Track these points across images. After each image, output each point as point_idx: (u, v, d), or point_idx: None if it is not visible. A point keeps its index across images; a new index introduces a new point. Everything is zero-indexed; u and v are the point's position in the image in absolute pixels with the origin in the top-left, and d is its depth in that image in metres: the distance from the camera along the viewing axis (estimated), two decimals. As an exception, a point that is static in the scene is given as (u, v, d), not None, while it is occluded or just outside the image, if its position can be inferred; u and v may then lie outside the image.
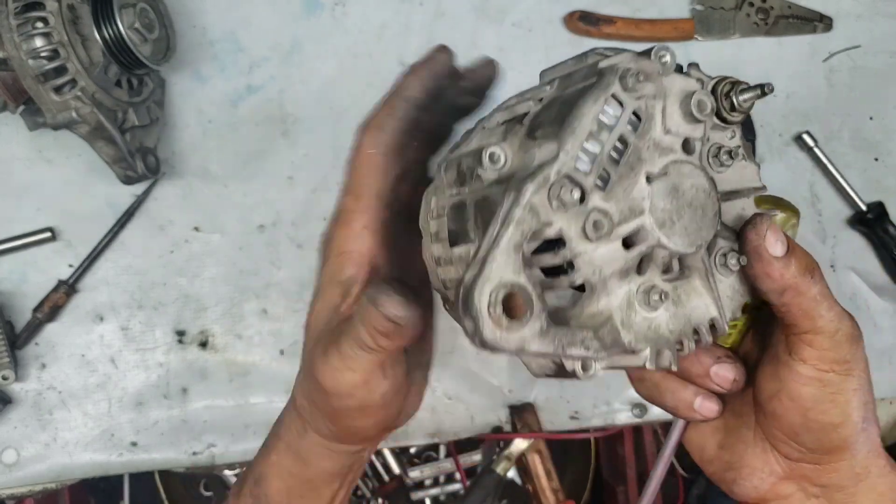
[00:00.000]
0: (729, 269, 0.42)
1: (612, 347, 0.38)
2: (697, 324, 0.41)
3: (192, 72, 0.80)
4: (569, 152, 0.36)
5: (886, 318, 0.86)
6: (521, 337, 0.35)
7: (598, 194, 0.37)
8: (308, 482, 0.49)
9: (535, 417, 0.81)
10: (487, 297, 0.34)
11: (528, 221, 0.36)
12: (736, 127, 0.44)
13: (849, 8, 0.87)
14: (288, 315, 0.80)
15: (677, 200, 0.39)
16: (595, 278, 0.37)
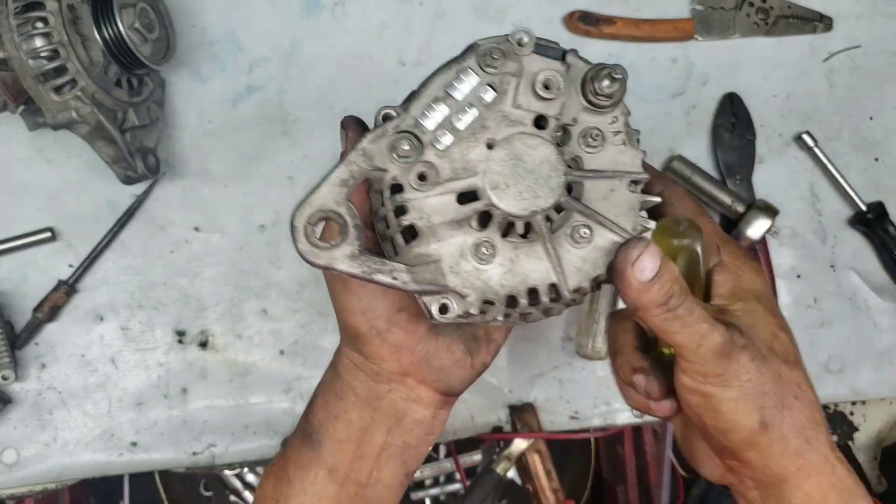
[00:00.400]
0: (576, 242, 0.45)
1: (427, 284, 0.44)
2: (535, 285, 0.45)
3: (192, 72, 0.80)
4: (410, 111, 0.44)
5: (886, 318, 0.86)
6: (331, 256, 0.42)
7: (433, 151, 0.44)
8: (339, 399, 0.53)
9: (534, 417, 0.81)
10: (305, 218, 0.42)
11: (359, 163, 0.43)
12: (619, 113, 0.47)
13: (849, 8, 0.87)
14: (288, 315, 0.80)
15: (517, 168, 0.44)
16: (423, 223, 0.44)
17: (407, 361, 0.50)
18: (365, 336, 0.50)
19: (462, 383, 0.53)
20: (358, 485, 0.53)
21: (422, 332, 0.50)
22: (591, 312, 0.81)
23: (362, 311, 0.49)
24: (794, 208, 0.85)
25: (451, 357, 0.51)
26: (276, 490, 0.54)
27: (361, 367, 0.52)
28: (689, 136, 0.85)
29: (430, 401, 0.53)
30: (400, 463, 0.54)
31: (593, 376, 0.83)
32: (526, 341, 0.83)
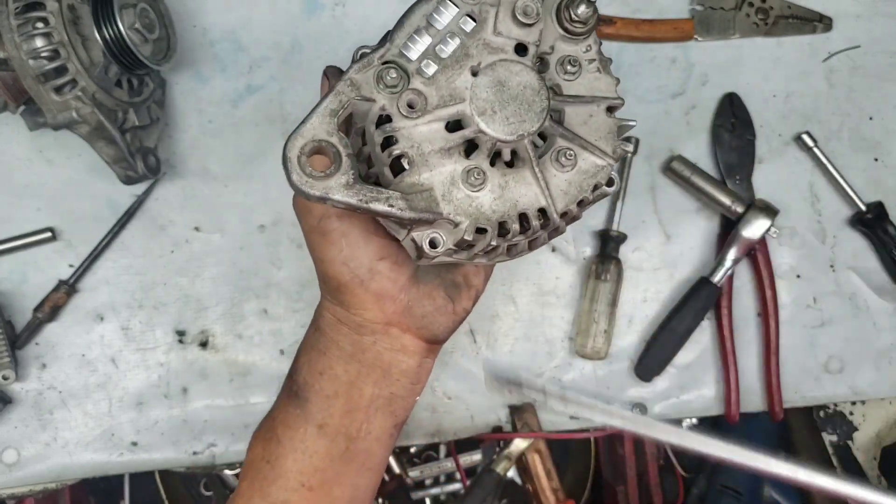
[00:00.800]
0: (562, 166, 0.46)
1: (422, 211, 0.44)
2: (525, 209, 0.46)
3: (192, 72, 0.80)
4: (394, 41, 0.44)
5: (886, 317, 0.86)
6: (326, 186, 0.42)
7: (419, 80, 0.44)
8: (323, 354, 0.53)
9: (534, 417, 0.81)
10: (298, 149, 0.42)
11: (347, 93, 0.43)
12: (592, 42, 0.48)
13: (848, 8, 0.87)
14: (288, 315, 0.80)
15: (502, 93, 0.44)
16: (413, 152, 0.44)
17: (390, 311, 0.51)
18: (347, 286, 0.50)
19: (445, 330, 0.53)
20: (348, 438, 0.53)
21: (403, 280, 0.50)
22: (590, 312, 0.81)
23: (344, 260, 0.49)
24: (794, 208, 0.85)
25: (433, 304, 0.52)
26: (265, 451, 0.53)
27: (344, 320, 0.52)
28: (688, 137, 0.85)
29: (415, 349, 0.53)
30: (388, 414, 0.54)
31: (593, 376, 0.83)
32: (526, 341, 0.83)
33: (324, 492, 0.53)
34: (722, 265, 0.82)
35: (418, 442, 0.83)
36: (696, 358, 0.84)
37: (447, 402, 0.82)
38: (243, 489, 0.54)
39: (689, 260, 0.85)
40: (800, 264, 0.85)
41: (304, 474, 0.52)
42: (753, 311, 0.85)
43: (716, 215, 0.85)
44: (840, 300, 0.86)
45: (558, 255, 0.84)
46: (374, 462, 0.55)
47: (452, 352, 0.82)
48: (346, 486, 0.54)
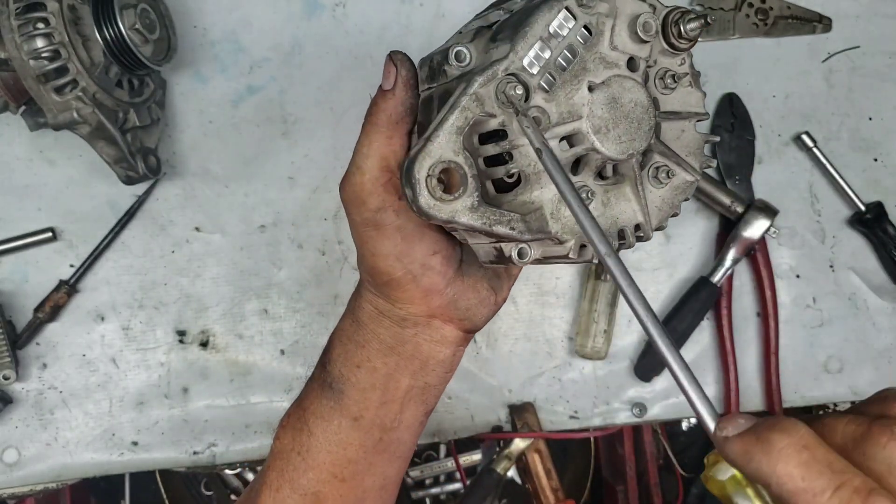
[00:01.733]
0: (660, 182, 0.46)
1: (536, 232, 0.43)
2: (624, 226, 0.45)
3: (192, 72, 0.80)
4: (518, 53, 0.41)
5: (886, 318, 0.86)
6: (453, 209, 0.41)
7: (541, 94, 0.42)
8: (362, 347, 0.52)
9: (534, 417, 0.81)
10: (426, 170, 0.40)
11: (473, 109, 0.41)
12: (686, 55, 0.47)
13: (848, 8, 0.87)
14: (289, 315, 0.80)
15: (615, 111, 0.43)
16: (530, 170, 0.43)
17: (435, 304, 0.50)
18: (399, 282, 0.49)
19: (485, 320, 0.53)
20: (383, 429, 0.52)
21: (451, 274, 0.49)
22: (590, 312, 0.81)
23: (398, 255, 0.48)
24: (793, 208, 0.86)
25: (478, 296, 0.51)
26: (296, 442, 0.53)
27: (387, 313, 0.51)
28: (688, 137, 0.85)
29: (453, 339, 0.52)
30: (420, 403, 0.54)
31: (593, 376, 0.83)
32: (526, 341, 0.83)
33: (355, 482, 0.53)
34: (721, 265, 0.82)
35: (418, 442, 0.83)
36: (696, 358, 0.84)
37: (447, 402, 0.82)
38: (271, 479, 0.54)
39: (688, 260, 0.85)
40: (799, 264, 0.86)
41: (336, 465, 0.52)
42: (753, 311, 0.85)
43: (715, 215, 0.85)
44: (839, 300, 0.86)
45: (558, 255, 0.84)
46: (403, 450, 0.55)
47: (452, 352, 0.82)
48: (377, 475, 0.54)
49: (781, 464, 0.28)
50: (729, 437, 0.30)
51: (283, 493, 0.53)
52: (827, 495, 0.27)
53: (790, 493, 0.28)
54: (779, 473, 0.28)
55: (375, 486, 0.54)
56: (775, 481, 0.28)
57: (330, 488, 0.52)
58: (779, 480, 0.28)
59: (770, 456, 0.28)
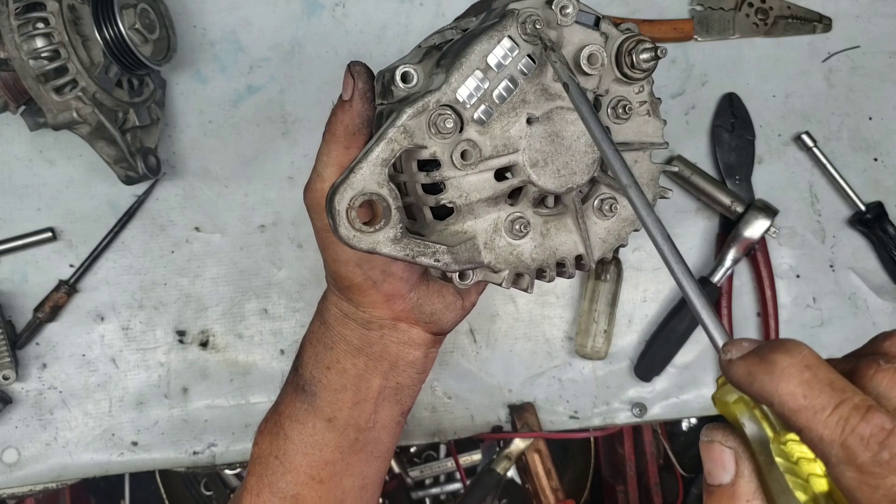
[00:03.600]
0: (604, 215, 0.45)
1: (465, 263, 0.42)
2: (563, 257, 0.45)
3: (192, 72, 0.80)
4: (451, 84, 0.41)
5: (885, 317, 0.86)
6: (374, 240, 0.40)
7: (474, 127, 0.41)
8: (330, 349, 0.52)
9: (534, 417, 0.81)
10: (347, 201, 0.40)
11: (400, 141, 0.40)
12: (645, 83, 0.46)
13: (848, 8, 0.87)
14: (288, 315, 0.80)
15: (555, 144, 0.42)
16: (461, 201, 0.42)
17: (398, 308, 0.50)
18: (359, 287, 0.49)
19: (452, 324, 0.53)
20: (357, 430, 0.53)
21: (414, 280, 0.50)
22: (590, 312, 0.81)
23: (357, 262, 0.48)
24: (794, 208, 0.86)
25: (443, 301, 0.52)
26: (273, 446, 0.53)
27: (352, 316, 0.51)
28: (688, 137, 0.85)
29: (422, 341, 0.53)
30: (395, 403, 0.54)
31: (593, 376, 0.83)
32: (526, 341, 0.83)
33: (334, 483, 0.53)
34: (722, 265, 0.82)
35: (418, 442, 0.83)
36: (696, 358, 0.84)
37: (447, 401, 0.82)
38: (251, 484, 0.54)
39: (688, 260, 0.85)
40: (799, 264, 0.86)
41: (313, 467, 0.52)
42: (753, 310, 0.85)
43: (715, 215, 0.85)
44: (839, 300, 0.86)
45: (558, 255, 0.84)
46: (381, 450, 0.55)
47: (452, 352, 0.82)
48: (356, 475, 0.54)
49: (784, 383, 0.28)
50: (733, 360, 0.30)
51: (263, 497, 0.53)
52: (827, 412, 0.27)
53: (792, 410, 0.28)
54: (781, 392, 0.28)
55: (355, 486, 0.54)
56: (777, 400, 0.28)
57: (308, 490, 0.53)
58: (781, 399, 0.28)
59: (773, 375, 0.28)
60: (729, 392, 0.32)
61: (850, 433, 0.26)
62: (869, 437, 0.26)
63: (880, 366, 0.29)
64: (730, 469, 0.31)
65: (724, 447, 0.31)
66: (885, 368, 0.28)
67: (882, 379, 0.28)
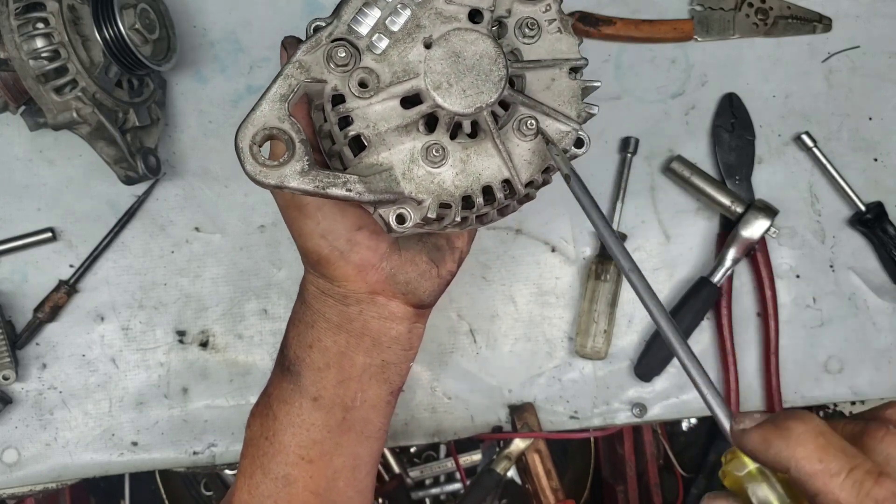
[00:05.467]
0: (524, 135, 0.45)
1: (382, 193, 0.43)
2: (489, 182, 0.44)
3: (192, 72, 0.80)
4: (342, 18, 0.42)
5: (886, 318, 0.86)
6: (281, 174, 0.41)
7: (371, 56, 0.42)
8: (311, 327, 0.52)
9: (534, 417, 0.81)
10: (249, 138, 0.41)
11: (296, 76, 0.42)
12: (551, 1, 0.46)
13: (848, 8, 0.87)
14: (288, 315, 0.80)
15: (457, 65, 0.43)
16: (370, 132, 0.43)
17: (373, 280, 0.50)
18: (327, 259, 0.49)
19: (431, 294, 0.53)
20: (344, 408, 0.53)
21: (384, 249, 0.50)
22: (590, 312, 0.81)
23: (322, 233, 0.48)
24: (794, 208, 0.86)
25: (416, 269, 0.51)
26: (263, 427, 0.54)
27: (328, 292, 0.51)
28: (688, 137, 0.85)
29: (403, 315, 0.53)
30: (382, 382, 0.54)
31: (593, 376, 0.83)
32: (526, 341, 0.83)
33: (324, 463, 0.53)
34: (722, 265, 0.82)
35: (418, 442, 0.83)
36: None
37: (447, 402, 0.82)
38: (244, 466, 0.54)
39: (688, 260, 0.85)
40: (799, 264, 0.86)
41: (302, 447, 0.52)
42: (753, 311, 0.85)
43: (715, 215, 0.85)
44: (839, 300, 0.86)
45: (558, 255, 0.84)
46: (372, 430, 0.55)
47: (452, 352, 0.82)
48: (347, 455, 0.54)
49: (800, 448, 0.30)
50: (747, 430, 0.32)
51: (255, 478, 0.53)
52: (843, 476, 0.29)
53: (808, 474, 0.30)
54: (797, 457, 0.30)
55: (346, 466, 0.54)
56: (794, 465, 0.30)
57: (298, 470, 0.53)
58: (797, 464, 0.30)
59: (789, 441, 0.30)
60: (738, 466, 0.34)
61: (865, 496, 0.28)
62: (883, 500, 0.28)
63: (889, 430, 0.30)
64: None
65: None
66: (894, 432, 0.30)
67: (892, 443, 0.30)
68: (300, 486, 0.53)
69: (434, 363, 0.82)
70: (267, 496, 0.53)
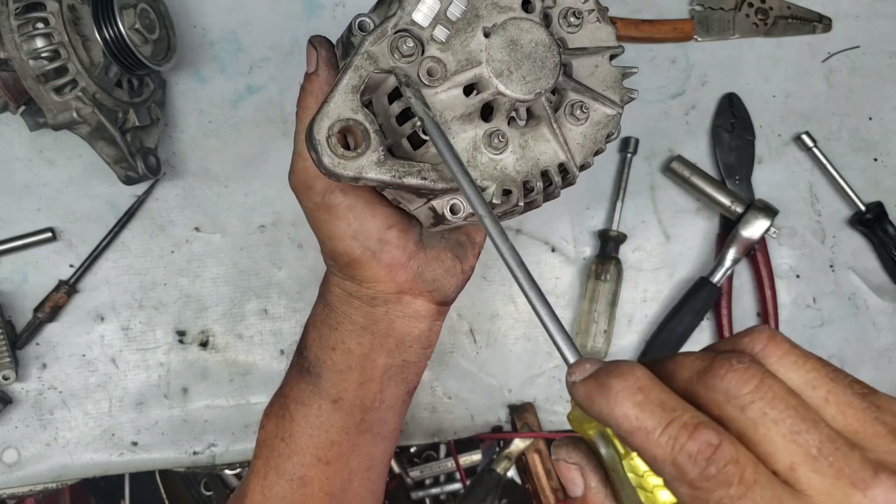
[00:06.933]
0: (577, 119, 0.46)
1: (452, 181, 0.43)
2: (546, 167, 0.45)
3: (192, 72, 0.80)
4: (405, 9, 0.43)
5: (886, 318, 0.86)
6: (359, 165, 0.41)
7: (435, 46, 0.43)
8: (335, 329, 0.52)
9: (534, 417, 0.81)
10: (326, 130, 0.41)
11: (366, 67, 0.42)
12: None
13: (848, 8, 0.87)
14: (288, 315, 0.80)
15: (515, 52, 0.44)
16: (438, 120, 0.43)
17: (401, 279, 0.50)
18: (359, 260, 0.49)
19: (455, 290, 0.53)
20: (363, 410, 0.53)
21: (412, 247, 0.50)
22: (590, 312, 0.81)
23: (353, 234, 0.48)
24: (794, 208, 0.86)
25: (443, 266, 0.52)
26: (279, 428, 0.53)
27: (356, 294, 0.51)
28: (688, 137, 0.85)
29: (427, 313, 0.52)
30: (401, 381, 0.54)
31: (593, 376, 0.83)
32: (526, 341, 0.83)
33: (340, 464, 0.53)
34: (721, 265, 0.82)
35: (418, 442, 0.83)
36: (696, 358, 0.84)
37: (447, 402, 0.82)
38: (258, 467, 0.54)
39: (688, 260, 0.85)
40: (799, 264, 0.86)
41: (319, 449, 0.52)
42: (753, 311, 0.85)
43: (715, 215, 0.85)
44: (839, 300, 0.86)
45: (558, 255, 0.84)
46: (387, 430, 0.55)
47: (452, 352, 0.82)
48: (363, 456, 0.54)
49: (618, 406, 0.29)
50: (576, 382, 0.31)
51: (269, 479, 0.53)
52: (658, 432, 0.28)
53: (627, 432, 0.29)
54: (616, 415, 0.29)
55: (361, 467, 0.54)
56: (614, 423, 0.29)
57: (315, 472, 0.52)
58: (616, 422, 0.29)
59: (608, 399, 0.29)
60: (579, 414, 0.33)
61: (678, 451, 0.27)
62: (697, 453, 0.27)
63: (732, 365, 0.29)
64: (578, 482, 0.32)
65: (570, 464, 0.32)
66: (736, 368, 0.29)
67: (731, 379, 0.29)
68: (315, 487, 0.53)
69: (434, 363, 0.82)
70: (281, 497, 0.53)
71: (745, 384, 0.28)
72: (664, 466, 0.28)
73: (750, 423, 0.28)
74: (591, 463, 0.32)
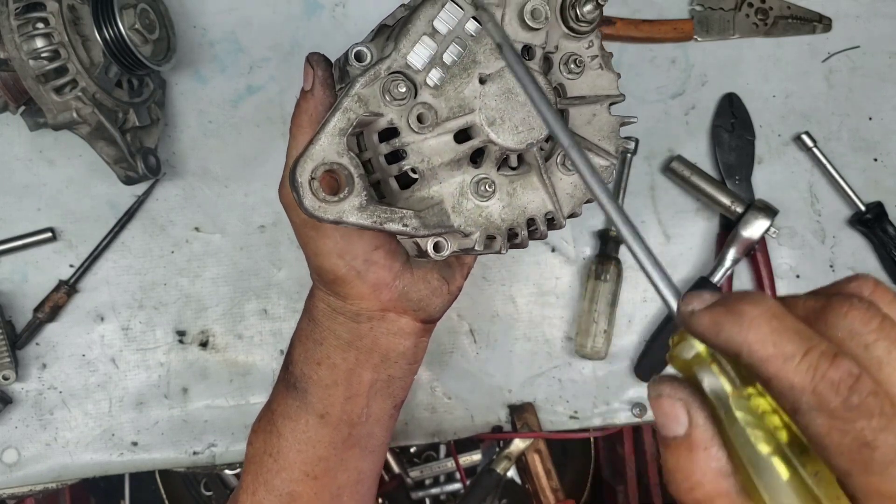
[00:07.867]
0: (569, 169, 0.45)
1: (434, 227, 0.43)
2: (533, 215, 0.45)
3: (192, 72, 0.80)
4: (401, 51, 0.42)
5: (885, 317, 0.86)
6: (340, 209, 0.41)
7: (428, 91, 0.42)
8: (320, 344, 0.52)
9: (534, 417, 0.81)
10: (309, 173, 0.40)
11: (355, 110, 0.41)
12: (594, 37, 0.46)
13: (848, 8, 0.87)
14: (288, 315, 0.80)
15: (510, 101, 0.43)
16: (424, 166, 0.43)
17: (386, 298, 0.50)
18: (344, 278, 0.49)
19: (440, 310, 0.53)
20: (350, 425, 0.53)
21: (398, 267, 0.50)
22: (590, 312, 0.81)
23: (339, 253, 0.48)
24: (794, 208, 0.86)
25: (429, 287, 0.52)
26: (267, 444, 0.53)
27: (340, 310, 0.51)
28: (688, 137, 0.85)
29: (412, 331, 0.53)
30: (387, 396, 0.54)
31: (593, 376, 0.83)
32: (526, 341, 0.83)
33: (328, 479, 0.53)
34: (721, 265, 0.82)
35: (418, 442, 0.83)
36: (696, 358, 0.84)
37: (447, 402, 0.82)
38: (247, 483, 0.54)
39: (688, 260, 0.85)
40: (799, 264, 0.86)
41: (307, 464, 0.52)
42: (753, 311, 0.85)
43: (715, 215, 0.85)
44: (839, 300, 0.86)
45: (558, 255, 0.84)
46: (375, 444, 0.55)
47: (452, 352, 0.82)
48: (351, 470, 0.54)
49: (753, 332, 0.28)
50: (696, 311, 0.30)
51: (258, 495, 0.53)
52: (797, 359, 0.27)
53: (761, 359, 0.28)
54: (750, 341, 0.28)
55: (350, 481, 0.54)
56: (746, 349, 0.28)
57: (303, 487, 0.52)
58: (750, 348, 0.28)
59: (741, 325, 0.28)
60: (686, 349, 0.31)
61: (820, 379, 0.26)
62: (839, 382, 0.26)
63: (853, 304, 0.28)
64: (682, 420, 0.30)
65: (674, 399, 0.30)
66: (858, 307, 0.28)
67: (855, 317, 0.28)
68: (304, 502, 0.53)
69: (434, 363, 0.82)
70: None
71: (868, 322, 0.28)
72: (802, 395, 0.26)
73: (875, 362, 0.27)
74: (699, 399, 0.30)
